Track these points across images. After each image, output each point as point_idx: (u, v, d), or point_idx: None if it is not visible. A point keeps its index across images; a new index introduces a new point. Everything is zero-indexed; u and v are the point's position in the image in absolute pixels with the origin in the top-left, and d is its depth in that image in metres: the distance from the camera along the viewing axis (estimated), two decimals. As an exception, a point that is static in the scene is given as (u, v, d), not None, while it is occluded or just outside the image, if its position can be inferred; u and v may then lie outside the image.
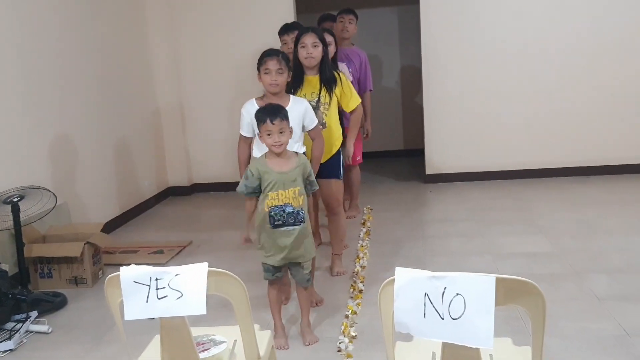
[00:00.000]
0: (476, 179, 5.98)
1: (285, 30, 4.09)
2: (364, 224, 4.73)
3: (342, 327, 2.97)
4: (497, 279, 1.36)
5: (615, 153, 5.83)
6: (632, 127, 5.76)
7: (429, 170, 6.07)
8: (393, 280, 1.44)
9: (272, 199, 2.68)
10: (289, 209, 2.68)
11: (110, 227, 4.90)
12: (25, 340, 3.05)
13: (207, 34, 6.07)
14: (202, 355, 1.84)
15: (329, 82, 3.35)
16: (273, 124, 2.61)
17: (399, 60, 7.68)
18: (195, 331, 1.90)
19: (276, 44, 6.12)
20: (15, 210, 3.43)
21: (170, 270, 1.66)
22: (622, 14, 5.60)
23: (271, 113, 2.63)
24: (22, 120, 3.97)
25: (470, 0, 5.76)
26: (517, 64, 5.79)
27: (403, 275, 1.41)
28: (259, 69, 2.99)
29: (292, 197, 2.69)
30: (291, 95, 3.13)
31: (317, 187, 2.87)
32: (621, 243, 3.95)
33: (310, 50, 3.25)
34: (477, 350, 1.42)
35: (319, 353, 2.75)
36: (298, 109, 3.03)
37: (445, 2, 5.78)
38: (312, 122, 3.12)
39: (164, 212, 5.72)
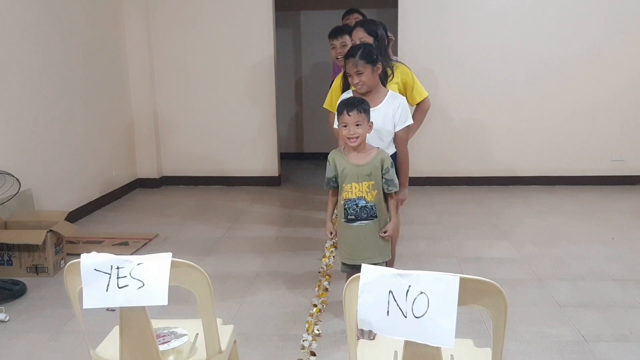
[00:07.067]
0: (445, 183, 6.06)
1: (334, 34, 3.86)
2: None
3: (307, 325, 2.96)
4: (461, 279, 1.37)
5: (581, 165, 5.97)
6: (598, 139, 5.91)
7: (400, 173, 6.11)
8: (358, 277, 1.44)
9: (347, 192, 2.68)
10: (362, 203, 2.67)
11: (74, 216, 4.80)
12: (-20, 328, 2.97)
13: (183, 30, 6.00)
14: (162, 347, 1.80)
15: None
16: (349, 115, 2.54)
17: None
18: (156, 323, 1.87)
19: (250, 42, 6.09)
20: (-24, 194, 3.34)
21: (133, 259, 1.62)
22: (599, 27, 5.72)
23: (349, 105, 2.56)
24: (-13, 102, 3.87)
25: (448, 6, 5.81)
26: (490, 73, 5.88)
27: (369, 272, 1.41)
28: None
29: (365, 190, 2.65)
30: (390, 91, 2.93)
31: (396, 188, 2.70)
32: (583, 251, 4.04)
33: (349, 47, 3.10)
34: (438, 349, 1.43)
35: (283, 351, 2.73)
36: (392, 104, 2.86)
37: (423, 6, 5.83)
38: (401, 122, 2.88)
39: (131, 204, 5.63)
